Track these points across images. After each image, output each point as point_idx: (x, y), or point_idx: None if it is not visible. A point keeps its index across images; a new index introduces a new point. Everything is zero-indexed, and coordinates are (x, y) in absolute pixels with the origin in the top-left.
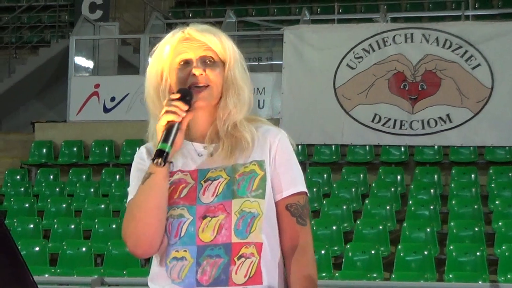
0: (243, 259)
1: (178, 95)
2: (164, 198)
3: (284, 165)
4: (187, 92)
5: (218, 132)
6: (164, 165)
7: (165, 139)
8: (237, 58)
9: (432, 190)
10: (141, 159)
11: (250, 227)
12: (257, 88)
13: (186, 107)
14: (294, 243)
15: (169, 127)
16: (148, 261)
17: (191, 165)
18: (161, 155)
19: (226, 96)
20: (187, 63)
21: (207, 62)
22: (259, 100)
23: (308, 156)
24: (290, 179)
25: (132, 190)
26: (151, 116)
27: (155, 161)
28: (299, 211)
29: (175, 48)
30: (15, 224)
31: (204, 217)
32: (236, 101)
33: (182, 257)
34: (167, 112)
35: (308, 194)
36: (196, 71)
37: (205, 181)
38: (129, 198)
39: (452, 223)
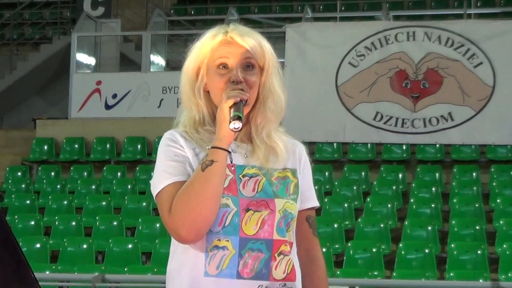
0: (282, 256)
1: (241, 87)
2: (222, 187)
3: (308, 178)
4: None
5: (249, 135)
6: (241, 129)
7: (236, 110)
8: (275, 64)
9: (433, 188)
10: (176, 143)
11: (288, 227)
12: None
13: (247, 95)
14: (311, 253)
15: (235, 104)
16: (149, 258)
17: (228, 160)
18: (239, 118)
19: (264, 103)
20: (226, 67)
21: (246, 68)
22: None
23: (310, 154)
24: (311, 193)
25: (172, 173)
26: (184, 108)
27: (232, 125)
28: (315, 224)
29: (216, 50)
30: (16, 221)
31: (247, 210)
32: (274, 108)
33: (224, 246)
34: (229, 97)
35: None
36: (236, 78)
37: (243, 176)
38: (165, 182)
39: (453, 222)
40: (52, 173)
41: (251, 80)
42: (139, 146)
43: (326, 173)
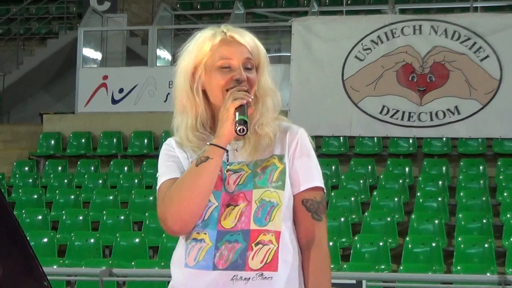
0: (260, 245)
1: (246, 87)
2: (213, 183)
3: (302, 160)
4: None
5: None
6: (246, 132)
7: (241, 113)
8: (267, 62)
9: (440, 182)
10: (170, 146)
11: (270, 216)
12: None
13: (251, 97)
14: (309, 237)
15: (241, 106)
16: (156, 252)
17: (224, 158)
18: (244, 123)
19: (262, 102)
20: (229, 67)
21: (248, 67)
22: None
23: (316, 148)
24: (307, 175)
25: (165, 172)
26: (177, 111)
27: (239, 129)
28: (315, 206)
29: (216, 50)
30: (24, 215)
31: (228, 205)
32: (271, 104)
33: (201, 239)
34: (236, 99)
35: (325, 191)
36: (241, 76)
37: (227, 171)
38: (162, 179)
39: (460, 215)
40: (59, 168)
41: (253, 79)
42: (145, 141)
43: (333, 167)
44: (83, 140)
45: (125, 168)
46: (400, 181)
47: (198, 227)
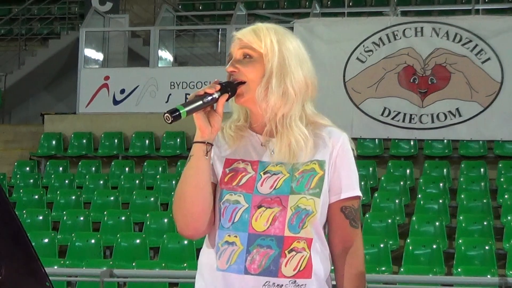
0: (294, 252)
1: (218, 87)
2: (203, 178)
3: (344, 167)
4: (228, 83)
5: (271, 128)
6: (171, 121)
7: (185, 104)
8: (276, 51)
9: (441, 184)
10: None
11: (303, 223)
12: None
13: (217, 87)
14: (346, 245)
15: (197, 96)
16: (157, 253)
17: (253, 156)
18: (172, 112)
19: (264, 89)
20: (230, 61)
21: (243, 58)
22: None
23: None
24: (348, 182)
25: None
26: None
27: (164, 116)
28: (353, 214)
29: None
30: (24, 216)
31: (259, 207)
32: (271, 93)
33: (233, 242)
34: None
35: (361, 198)
36: (228, 69)
37: (264, 173)
38: None
39: (461, 217)
40: (60, 168)
41: (245, 68)
42: (147, 142)
43: None
44: (84, 141)
45: (126, 168)
46: (401, 183)
47: (229, 229)
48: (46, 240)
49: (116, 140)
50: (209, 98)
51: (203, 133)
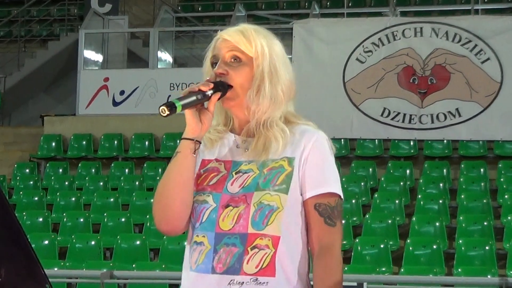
0: (256, 249)
1: (211, 85)
2: (187, 176)
3: (317, 165)
4: (220, 83)
5: (252, 129)
6: (166, 115)
7: (180, 98)
8: (266, 55)
9: (441, 184)
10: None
11: (268, 220)
12: None
13: (210, 86)
14: (321, 243)
15: (190, 92)
16: (157, 254)
17: (227, 156)
18: (169, 105)
19: (256, 92)
20: (216, 63)
21: (232, 61)
22: None
23: None
24: (320, 179)
25: None
26: None
27: (160, 108)
28: (328, 211)
29: (212, 49)
30: (24, 217)
31: (227, 206)
32: (259, 98)
33: (200, 242)
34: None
35: (342, 197)
36: (217, 71)
37: (236, 173)
38: None
39: (461, 217)
40: (60, 170)
41: (234, 72)
42: (146, 143)
43: None
44: (84, 142)
45: (126, 170)
46: (401, 183)
47: (197, 229)
48: (46, 242)
49: (116, 142)
50: (203, 95)
51: (193, 130)
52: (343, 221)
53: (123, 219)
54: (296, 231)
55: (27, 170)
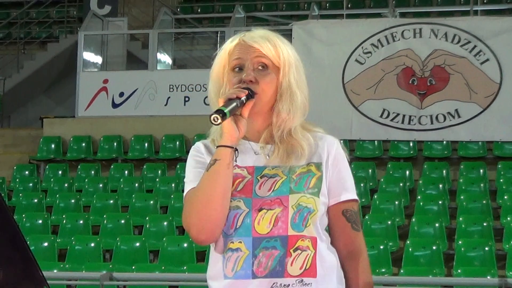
0: (299, 251)
1: (246, 91)
2: (228, 184)
3: (341, 172)
4: (248, 89)
5: (272, 135)
6: (219, 122)
7: (225, 105)
8: (292, 63)
9: (440, 185)
10: (198, 152)
11: (306, 221)
12: None
13: (245, 92)
14: (350, 248)
15: (230, 99)
16: (157, 256)
17: (248, 162)
18: (220, 112)
19: (280, 102)
20: (240, 69)
21: (259, 68)
22: None
23: None
24: (345, 186)
25: (192, 179)
26: None
27: (212, 117)
28: (354, 217)
29: (232, 54)
30: (24, 219)
31: (260, 210)
32: (290, 107)
33: (237, 248)
34: (223, 94)
35: (359, 202)
36: (245, 78)
37: (261, 177)
38: (188, 187)
39: (460, 218)
40: (60, 172)
41: (263, 80)
42: (146, 145)
43: None
44: (83, 144)
45: (126, 172)
46: (401, 184)
47: (232, 236)
48: (46, 244)
49: (115, 144)
50: (240, 102)
51: (232, 137)
52: None
53: (122, 221)
54: (324, 232)
55: (27, 172)
